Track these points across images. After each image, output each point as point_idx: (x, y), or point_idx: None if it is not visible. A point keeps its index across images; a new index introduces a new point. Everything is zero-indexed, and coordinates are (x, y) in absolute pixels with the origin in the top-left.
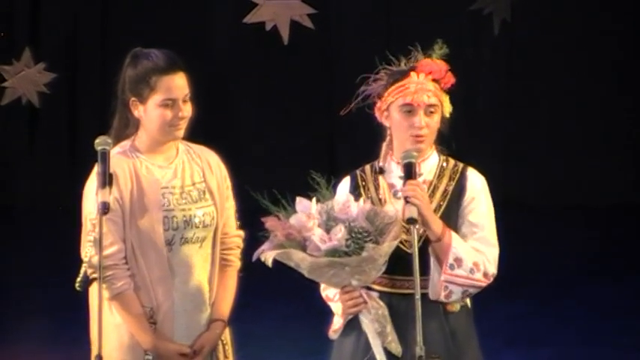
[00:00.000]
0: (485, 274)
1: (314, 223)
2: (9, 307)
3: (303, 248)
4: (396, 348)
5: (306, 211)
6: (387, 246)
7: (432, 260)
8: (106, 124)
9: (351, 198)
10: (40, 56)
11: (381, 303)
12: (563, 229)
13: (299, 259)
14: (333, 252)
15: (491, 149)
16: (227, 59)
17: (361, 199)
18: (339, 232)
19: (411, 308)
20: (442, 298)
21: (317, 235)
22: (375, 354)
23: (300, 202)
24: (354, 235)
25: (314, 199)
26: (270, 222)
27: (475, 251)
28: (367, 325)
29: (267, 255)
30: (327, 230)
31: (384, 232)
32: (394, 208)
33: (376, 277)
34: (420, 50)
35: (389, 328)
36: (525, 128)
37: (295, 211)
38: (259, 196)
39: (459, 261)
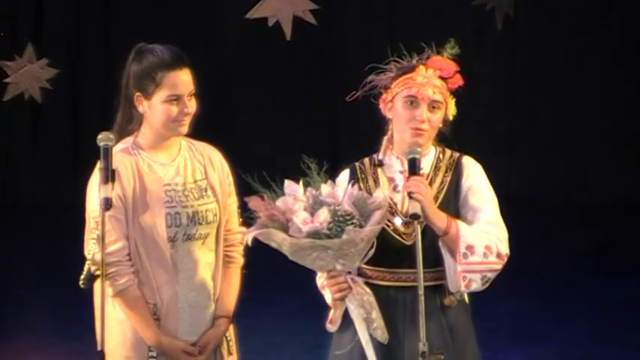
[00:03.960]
0: (499, 255)
1: (300, 206)
2: (13, 305)
3: (286, 229)
4: (382, 335)
5: (294, 193)
6: (369, 230)
7: (445, 253)
8: (109, 119)
9: (341, 184)
10: (43, 52)
11: (367, 289)
12: (565, 226)
13: (280, 240)
14: (315, 234)
15: (493, 145)
16: (229, 55)
17: (349, 185)
18: (322, 215)
19: (409, 300)
20: (463, 288)
21: (300, 217)
22: (361, 340)
23: (289, 184)
24: (336, 219)
25: (301, 182)
26: (253, 202)
27: (485, 233)
28: (353, 310)
29: (248, 235)
30: (312, 213)
31: (370, 216)
32: (384, 194)
33: (360, 262)
34: (432, 48)
35: (374, 314)
36: (527, 124)
37: (284, 194)
38: (249, 178)
39: (470, 248)
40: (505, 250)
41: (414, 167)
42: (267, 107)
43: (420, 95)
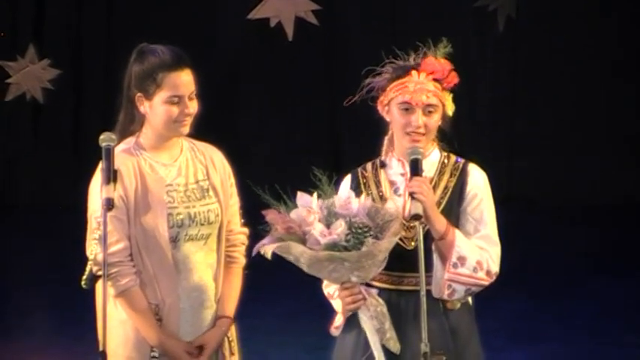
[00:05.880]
0: (488, 273)
1: (314, 218)
2: (13, 305)
3: (303, 242)
4: (395, 345)
5: (307, 206)
6: (387, 242)
7: (436, 258)
8: (111, 120)
9: (352, 194)
10: (45, 53)
11: (380, 300)
12: (565, 227)
13: (298, 253)
14: (333, 246)
15: (494, 145)
16: (231, 55)
17: (362, 196)
18: (340, 227)
19: (411, 305)
20: (445, 296)
21: (317, 229)
22: (374, 351)
23: (301, 197)
24: (354, 230)
25: (315, 194)
26: (270, 215)
27: (479, 249)
28: (366, 322)
29: (267, 248)
30: (328, 225)
31: (385, 228)
32: (395, 204)
33: (375, 273)
34: (428, 48)
35: (387, 325)
36: (528, 125)
37: (296, 206)
38: (260, 191)
39: (462, 259)
40: (495, 268)
41: (416, 168)
42: (268, 107)
43: (414, 101)
